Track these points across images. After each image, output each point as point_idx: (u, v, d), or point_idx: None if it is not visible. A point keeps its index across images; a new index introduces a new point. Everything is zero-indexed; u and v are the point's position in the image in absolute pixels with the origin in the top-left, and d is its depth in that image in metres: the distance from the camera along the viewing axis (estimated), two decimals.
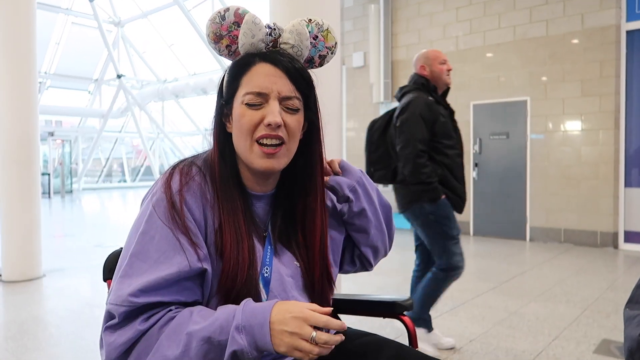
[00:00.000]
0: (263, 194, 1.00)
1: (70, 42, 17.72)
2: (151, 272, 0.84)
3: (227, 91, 0.96)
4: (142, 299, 0.82)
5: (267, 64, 0.93)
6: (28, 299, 3.94)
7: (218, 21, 0.94)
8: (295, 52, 0.97)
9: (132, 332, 0.81)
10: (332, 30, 1.01)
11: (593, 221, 6.10)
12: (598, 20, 6.00)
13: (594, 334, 3.04)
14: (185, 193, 0.90)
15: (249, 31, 0.93)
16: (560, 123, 6.34)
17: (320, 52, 1.01)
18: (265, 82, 0.91)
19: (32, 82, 4.57)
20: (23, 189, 4.49)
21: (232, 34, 0.94)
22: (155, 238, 0.86)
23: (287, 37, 0.96)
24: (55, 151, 17.53)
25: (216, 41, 0.95)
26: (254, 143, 0.92)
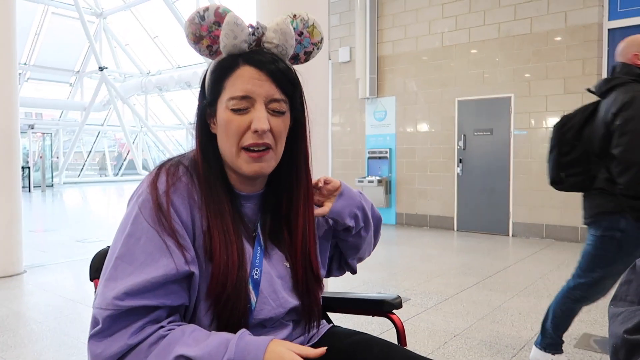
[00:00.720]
0: (251, 194, 0.99)
1: (51, 32, 17.37)
2: (137, 274, 0.82)
3: (210, 93, 0.93)
4: (127, 302, 0.80)
5: (251, 67, 0.90)
6: (9, 295, 3.87)
7: (197, 21, 0.90)
8: (279, 51, 0.94)
9: (121, 346, 0.79)
10: (317, 25, 0.99)
11: (574, 217, 6.20)
12: (581, 18, 6.08)
13: (575, 329, 3.09)
14: (172, 194, 0.88)
15: (231, 32, 0.89)
16: (543, 120, 6.42)
17: (305, 48, 0.99)
18: (250, 86, 0.89)
19: (12, 74, 4.47)
20: (3, 182, 4.40)
21: (213, 34, 0.91)
22: (141, 240, 0.84)
23: (271, 37, 0.93)
24: (36, 144, 17.22)
25: (196, 42, 0.92)
26: (241, 150, 0.91)
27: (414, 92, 7.59)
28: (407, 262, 5.19)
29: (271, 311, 0.94)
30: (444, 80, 7.26)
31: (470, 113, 7.02)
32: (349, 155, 8.36)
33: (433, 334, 3.01)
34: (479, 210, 6.97)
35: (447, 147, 7.25)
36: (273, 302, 0.95)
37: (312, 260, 1.01)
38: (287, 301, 0.97)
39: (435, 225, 7.41)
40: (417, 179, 7.58)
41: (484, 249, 5.85)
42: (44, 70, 18.61)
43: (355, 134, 8.27)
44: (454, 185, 7.19)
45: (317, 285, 1.02)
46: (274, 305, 0.95)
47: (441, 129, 7.31)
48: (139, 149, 21.21)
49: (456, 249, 5.99)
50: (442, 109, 7.29)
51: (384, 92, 7.90)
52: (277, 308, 0.95)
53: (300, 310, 0.99)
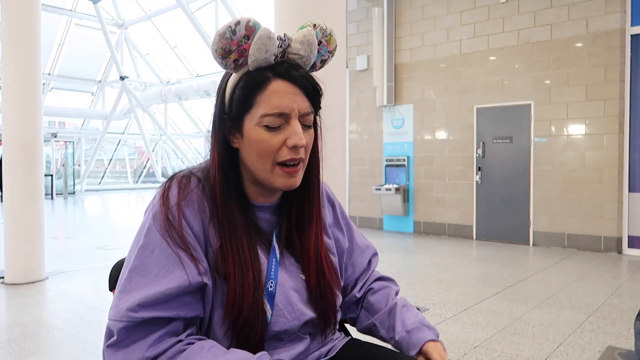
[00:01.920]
0: (267, 205, 0.99)
1: (74, 43, 17.77)
2: (150, 286, 0.82)
3: (238, 107, 0.90)
4: (141, 313, 0.80)
5: (283, 81, 0.89)
6: (31, 302, 3.94)
7: (229, 36, 0.86)
8: (303, 62, 0.93)
9: (139, 358, 0.80)
10: (333, 33, 0.99)
11: (597, 226, 6.08)
12: (603, 25, 5.99)
13: (599, 341, 3.02)
14: (183, 207, 0.88)
15: (263, 46, 0.87)
16: (564, 127, 6.32)
17: (322, 56, 0.99)
18: (286, 102, 0.88)
19: (36, 84, 4.58)
20: (26, 190, 4.49)
21: (242, 47, 0.88)
22: (155, 252, 0.85)
23: (297, 48, 0.92)
24: (58, 152, 17.57)
25: (224, 56, 0.88)
26: (276, 166, 0.91)
27: (432, 100, 7.55)
28: (425, 271, 5.14)
29: (286, 324, 0.93)
30: (463, 88, 7.21)
31: (490, 120, 6.94)
32: (366, 163, 8.33)
33: (452, 345, 2.96)
34: (499, 219, 6.87)
35: (466, 155, 7.18)
36: (288, 314, 0.94)
37: (325, 267, 0.99)
38: (302, 313, 0.96)
39: (454, 234, 7.33)
40: (436, 187, 7.52)
41: (504, 258, 5.75)
42: (67, 80, 19.04)
43: (373, 142, 8.25)
44: (472, 193, 7.11)
45: (333, 292, 1.00)
46: (289, 317, 0.94)
47: (460, 136, 7.25)
48: (158, 157, 21.48)
49: (475, 258, 5.91)
50: (461, 117, 7.23)
51: (401, 99, 7.88)
52: (292, 320, 0.94)
53: (317, 322, 0.98)
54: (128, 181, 23.07)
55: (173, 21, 16.50)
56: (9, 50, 4.47)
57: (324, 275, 0.99)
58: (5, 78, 4.49)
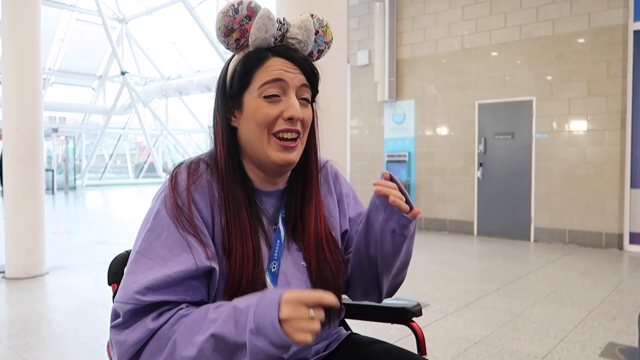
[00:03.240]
0: (272, 191, 0.99)
1: (75, 38, 17.74)
2: (158, 269, 0.83)
3: (238, 85, 0.94)
4: (149, 297, 0.81)
5: (281, 58, 0.93)
6: (31, 296, 3.94)
7: (231, 14, 0.91)
8: (301, 47, 0.97)
9: (143, 332, 0.80)
10: (330, 25, 1.03)
11: (598, 222, 6.07)
12: (605, 20, 5.95)
13: (600, 337, 3.02)
14: (193, 191, 0.90)
15: (264, 26, 0.92)
16: (566, 123, 6.30)
17: (319, 46, 1.03)
18: (283, 72, 0.92)
19: (37, 79, 4.57)
20: (27, 185, 4.49)
21: (244, 27, 0.92)
22: (162, 235, 0.86)
23: (295, 32, 0.96)
24: (59, 147, 17.56)
25: (226, 34, 0.93)
26: (272, 136, 0.92)
27: (434, 96, 7.52)
28: (425, 267, 5.14)
29: None
30: (464, 84, 7.18)
31: (491, 116, 6.92)
32: (367, 158, 8.32)
33: (453, 341, 2.96)
34: (500, 215, 6.87)
35: (467, 151, 7.16)
36: None
37: (326, 250, 0.99)
38: None
39: (455, 230, 7.32)
40: (437, 183, 7.51)
41: (505, 254, 5.75)
42: (68, 75, 19.03)
43: (374, 138, 8.24)
44: (474, 189, 7.10)
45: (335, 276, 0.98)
46: None
47: (461, 132, 7.24)
48: (159, 152, 21.48)
49: (476, 254, 5.91)
50: (462, 113, 7.21)
51: (402, 95, 7.86)
52: None
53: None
54: (129, 176, 23.07)
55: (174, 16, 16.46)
56: (10, 45, 4.46)
57: (326, 259, 0.98)
58: (5, 73, 4.48)
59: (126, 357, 0.81)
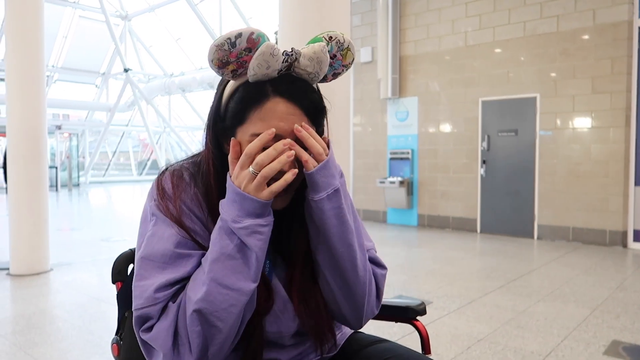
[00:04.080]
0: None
1: (78, 35, 17.76)
2: (170, 270, 0.84)
3: (232, 118, 0.86)
4: (170, 290, 0.83)
5: (282, 99, 0.83)
6: (36, 293, 3.96)
7: (227, 48, 0.80)
8: (310, 77, 0.87)
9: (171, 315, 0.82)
10: (352, 47, 0.91)
11: (602, 220, 6.05)
12: (610, 16, 5.92)
13: (604, 335, 3.01)
14: (182, 195, 0.89)
15: (265, 63, 0.81)
16: (570, 120, 6.27)
17: (335, 70, 0.93)
18: (282, 123, 0.82)
19: (40, 76, 4.57)
20: (31, 182, 4.50)
21: (242, 59, 0.82)
22: (165, 237, 0.85)
23: (305, 64, 0.84)
24: (63, 144, 17.61)
25: (220, 67, 0.82)
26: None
27: (437, 93, 7.50)
28: (428, 264, 5.13)
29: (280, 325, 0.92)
30: (467, 80, 7.16)
31: (494, 113, 6.90)
32: (370, 156, 8.31)
33: (456, 338, 2.96)
34: (503, 212, 6.85)
35: (471, 148, 7.15)
36: (280, 314, 0.92)
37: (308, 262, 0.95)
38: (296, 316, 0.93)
39: (458, 227, 7.31)
40: (440, 180, 7.50)
41: (508, 251, 5.74)
42: (71, 72, 19.05)
43: (377, 135, 8.22)
44: (477, 186, 7.09)
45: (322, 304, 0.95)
46: (282, 318, 0.92)
47: (464, 129, 7.22)
48: (162, 149, 21.51)
49: (479, 252, 5.90)
50: (465, 110, 7.19)
51: (406, 92, 7.84)
52: (285, 322, 0.92)
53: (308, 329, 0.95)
54: (132, 173, 23.11)
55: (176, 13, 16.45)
56: (13, 42, 4.46)
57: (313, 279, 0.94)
58: (9, 71, 4.48)
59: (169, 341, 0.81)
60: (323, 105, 0.90)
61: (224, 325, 0.80)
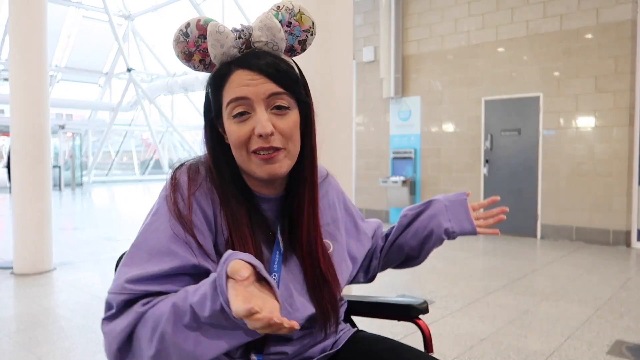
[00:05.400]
0: (272, 197, 0.96)
1: (81, 35, 17.81)
2: (153, 262, 0.82)
3: (214, 105, 0.92)
4: (141, 287, 0.80)
5: (243, 70, 0.87)
6: (39, 292, 3.97)
7: (182, 39, 0.88)
8: (271, 47, 0.89)
9: (132, 315, 0.78)
10: (305, 11, 0.93)
11: (605, 219, 6.03)
12: (613, 15, 5.90)
13: (607, 335, 3.00)
14: (195, 190, 0.89)
15: (216, 42, 0.87)
16: (573, 119, 6.26)
17: (298, 37, 0.93)
18: (245, 87, 0.86)
19: (43, 76, 4.58)
20: (34, 182, 4.52)
21: (201, 47, 0.89)
22: (160, 231, 0.85)
23: (257, 35, 0.88)
24: (66, 144, 17.65)
25: (188, 59, 0.90)
26: (250, 154, 0.88)
27: (439, 92, 7.49)
28: (431, 264, 5.12)
29: (287, 316, 0.90)
30: (470, 80, 7.15)
31: (497, 113, 6.89)
32: (372, 155, 8.31)
33: (459, 338, 2.95)
34: (506, 212, 6.82)
35: (473, 148, 7.14)
36: (289, 306, 0.92)
37: (319, 255, 0.96)
38: (304, 306, 0.94)
39: None
40: (442, 179, 7.49)
41: (511, 251, 5.73)
42: (75, 72, 19.10)
43: (380, 134, 8.22)
44: (480, 186, 7.07)
45: (328, 282, 0.97)
46: (290, 310, 0.92)
47: (467, 129, 7.20)
48: (165, 149, 21.55)
49: (482, 251, 5.89)
50: (468, 109, 7.18)
51: (408, 91, 7.83)
52: (293, 312, 0.92)
53: (317, 317, 0.96)
54: (135, 173, 23.15)
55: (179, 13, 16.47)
56: (17, 43, 4.47)
57: (319, 262, 0.96)
58: (13, 70, 4.50)
59: (115, 345, 0.78)
60: (288, 69, 0.89)
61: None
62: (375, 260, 1.20)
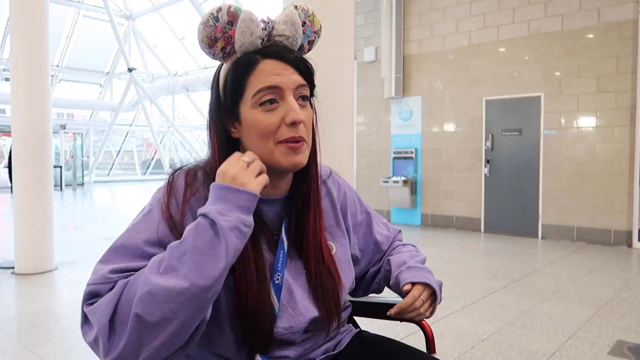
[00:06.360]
0: (275, 198, 0.96)
1: (82, 35, 17.80)
2: (136, 262, 0.81)
3: (231, 95, 0.89)
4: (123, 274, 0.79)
5: (271, 59, 0.88)
6: (40, 292, 3.97)
7: (212, 24, 0.86)
8: (290, 42, 0.92)
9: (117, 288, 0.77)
10: (316, 14, 0.97)
11: (607, 219, 6.02)
12: (615, 15, 5.89)
13: (608, 335, 3.00)
14: (191, 197, 0.88)
15: (247, 29, 0.86)
16: (575, 119, 6.25)
17: (309, 37, 0.97)
18: (276, 76, 0.86)
19: (45, 75, 4.59)
20: (35, 181, 4.52)
21: (227, 34, 0.87)
22: (148, 232, 0.84)
23: (282, 29, 0.91)
24: (67, 144, 17.66)
25: (211, 45, 0.88)
26: (278, 144, 0.87)
27: (440, 92, 7.49)
28: (432, 264, 5.11)
29: (291, 319, 0.91)
30: (471, 80, 7.14)
31: (499, 113, 6.88)
32: (373, 155, 8.30)
33: (460, 338, 2.95)
34: (507, 212, 6.83)
35: (474, 148, 7.13)
36: (292, 310, 0.92)
37: (324, 253, 0.96)
38: (307, 309, 0.93)
39: (462, 227, 7.30)
40: (443, 179, 7.48)
41: (512, 251, 5.73)
42: (75, 72, 19.10)
43: (381, 134, 8.22)
44: (481, 186, 7.07)
45: (334, 282, 0.96)
46: (292, 313, 0.91)
47: (468, 129, 7.20)
48: (166, 149, 21.55)
49: (483, 251, 5.89)
50: (469, 109, 7.17)
51: (409, 91, 7.83)
52: (296, 316, 0.92)
53: (320, 318, 0.95)
54: (136, 173, 23.16)
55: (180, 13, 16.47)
56: (18, 42, 4.48)
57: (323, 261, 0.96)
58: (14, 70, 4.50)
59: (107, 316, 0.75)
60: (310, 65, 0.93)
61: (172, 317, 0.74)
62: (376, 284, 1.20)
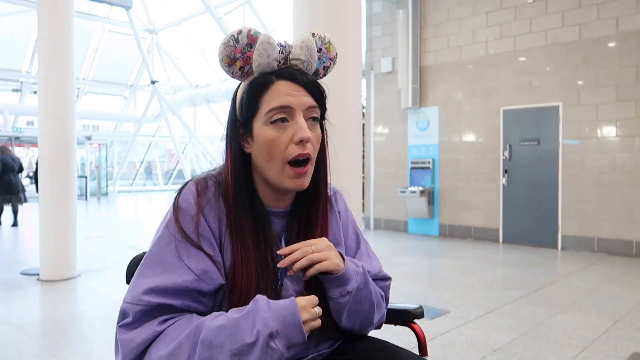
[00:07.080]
0: (279, 211, 1.02)
1: (107, 49, 18.29)
2: (167, 275, 0.88)
3: (246, 112, 0.96)
4: (157, 299, 0.85)
5: (285, 81, 0.94)
6: (64, 298, 4.10)
7: (232, 44, 0.94)
8: (305, 66, 0.98)
9: (150, 333, 0.84)
10: (332, 42, 1.05)
11: (628, 230, 5.92)
12: (634, 24, 5.84)
13: (624, 347, 2.96)
14: (203, 206, 0.94)
15: (265, 51, 0.93)
16: (594, 129, 6.18)
17: (324, 63, 1.05)
18: (288, 97, 0.93)
19: (70, 89, 4.75)
20: (60, 191, 4.67)
21: (246, 55, 0.95)
22: (173, 244, 0.90)
23: (297, 53, 0.97)
24: (92, 155, 18.08)
25: (230, 64, 0.95)
26: (286, 165, 0.94)
27: (458, 102, 7.49)
28: (448, 274, 5.11)
29: None
30: (489, 90, 7.13)
31: (516, 123, 6.85)
32: (391, 165, 8.32)
33: (472, 348, 2.95)
34: (526, 222, 6.76)
35: (492, 158, 7.10)
36: None
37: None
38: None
39: (480, 237, 7.24)
40: (461, 189, 7.45)
41: (530, 262, 5.66)
42: (101, 85, 19.59)
43: (398, 144, 8.24)
44: (499, 196, 7.02)
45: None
46: None
47: (486, 139, 7.18)
48: (187, 159, 21.88)
49: (501, 262, 5.84)
50: (487, 119, 7.15)
51: (426, 102, 7.85)
52: None
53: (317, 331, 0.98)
54: (158, 183, 23.54)
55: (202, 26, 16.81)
56: (45, 57, 4.66)
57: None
58: (41, 84, 4.69)
59: (131, 356, 0.84)
60: (322, 89, 0.99)
61: None
62: None
